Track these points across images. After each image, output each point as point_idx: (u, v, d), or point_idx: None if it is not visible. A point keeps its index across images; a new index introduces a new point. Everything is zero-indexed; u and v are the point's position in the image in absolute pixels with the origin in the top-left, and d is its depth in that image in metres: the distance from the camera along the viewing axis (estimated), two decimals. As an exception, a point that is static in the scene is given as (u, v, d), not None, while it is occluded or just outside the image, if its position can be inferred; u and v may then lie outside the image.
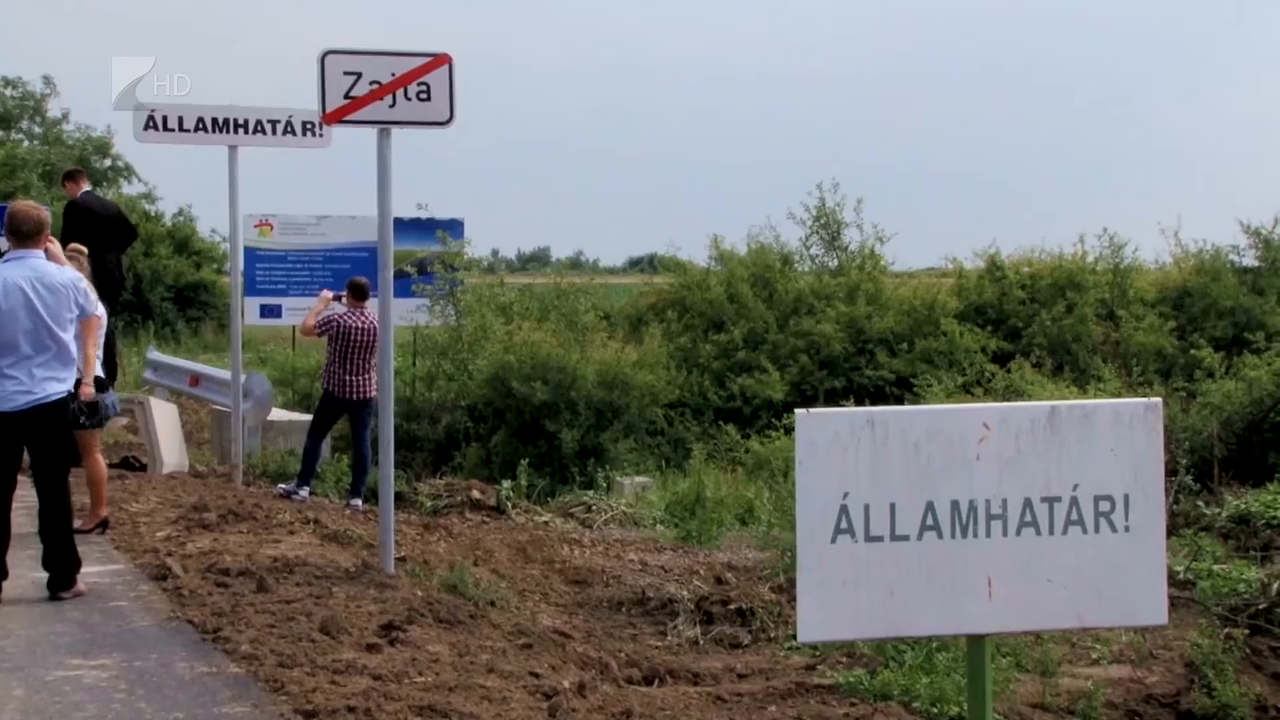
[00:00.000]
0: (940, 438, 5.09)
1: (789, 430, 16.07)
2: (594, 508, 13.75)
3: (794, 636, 8.84)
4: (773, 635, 9.33)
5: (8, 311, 7.61)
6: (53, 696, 5.95)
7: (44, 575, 7.79)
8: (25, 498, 8.02)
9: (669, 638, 9.40)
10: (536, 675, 6.88)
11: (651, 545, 12.30)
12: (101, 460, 9.79)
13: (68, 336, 7.79)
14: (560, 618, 9.60)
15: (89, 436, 9.43)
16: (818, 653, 8.51)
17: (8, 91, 39.32)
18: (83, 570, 7.90)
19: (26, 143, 38.59)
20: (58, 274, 7.84)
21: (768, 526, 12.59)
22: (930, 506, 5.06)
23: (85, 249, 10.21)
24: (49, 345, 7.68)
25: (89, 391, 8.26)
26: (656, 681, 7.99)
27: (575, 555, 11.69)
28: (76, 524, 8.73)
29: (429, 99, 8.87)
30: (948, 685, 7.43)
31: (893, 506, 5.04)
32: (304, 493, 12.40)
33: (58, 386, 7.72)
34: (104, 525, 9.63)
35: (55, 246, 8.26)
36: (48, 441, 7.74)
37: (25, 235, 7.82)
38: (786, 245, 24.31)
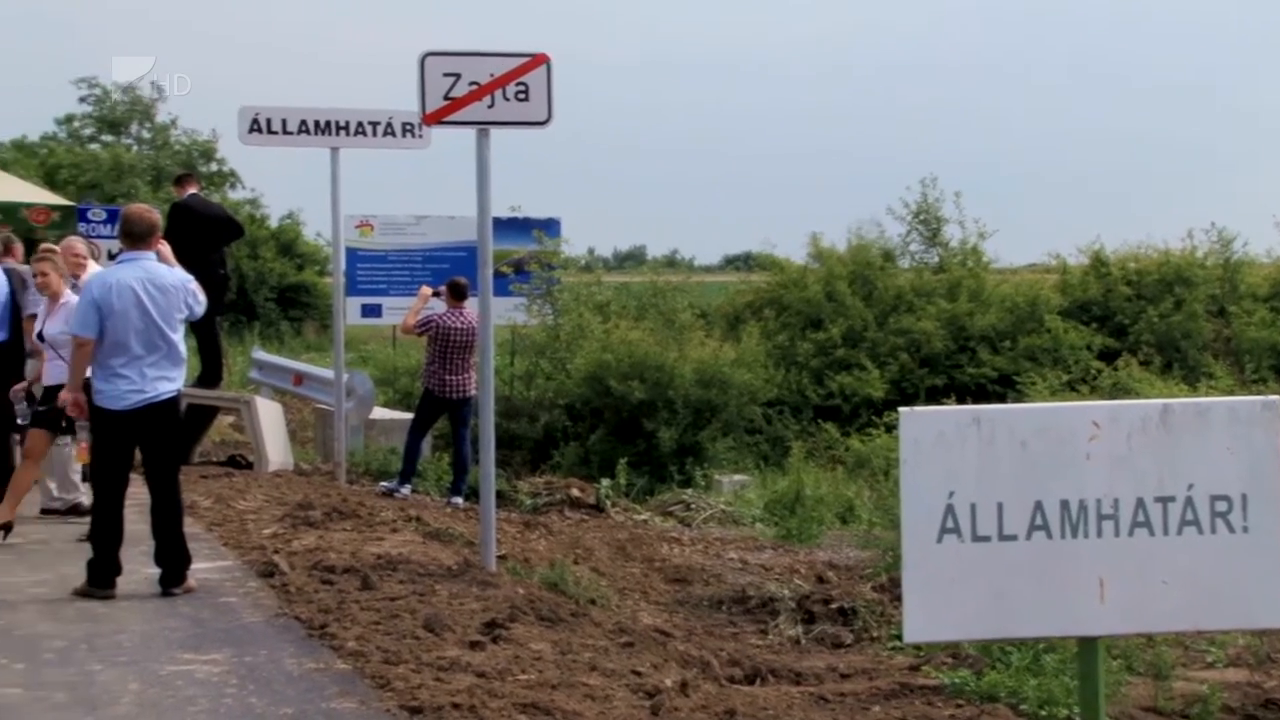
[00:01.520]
0: (1049, 436, 5.00)
1: (889, 428, 15.95)
2: (693, 506, 13.74)
3: (897, 636, 8.76)
4: (875, 635, 9.25)
5: (120, 312, 7.76)
6: (166, 690, 6.06)
7: (156, 571, 7.93)
8: (135, 495, 8.16)
9: (770, 636, 9.36)
10: (638, 673, 6.87)
11: (751, 543, 12.26)
12: (34, 472, 9.61)
13: (177, 337, 7.92)
14: (661, 616, 9.59)
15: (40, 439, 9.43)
16: (922, 653, 8.42)
17: (119, 97, 40.17)
18: (193, 566, 8.03)
19: (135, 147, 39.40)
20: (168, 275, 7.98)
21: (869, 525, 12.50)
22: (1039, 506, 4.97)
23: (55, 248, 10.41)
24: (159, 345, 7.81)
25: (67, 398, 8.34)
26: (758, 680, 7.96)
27: (675, 553, 11.68)
28: None
29: (527, 99, 8.90)
30: (1056, 687, 7.31)
31: (1000, 506, 4.95)
32: (405, 491, 12.52)
33: (168, 386, 7.86)
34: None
35: (165, 248, 8.41)
36: (159, 440, 7.88)
37: (137, 237, 7.98)
38: (887, 241, 24.14)
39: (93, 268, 10.55)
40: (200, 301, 8.13)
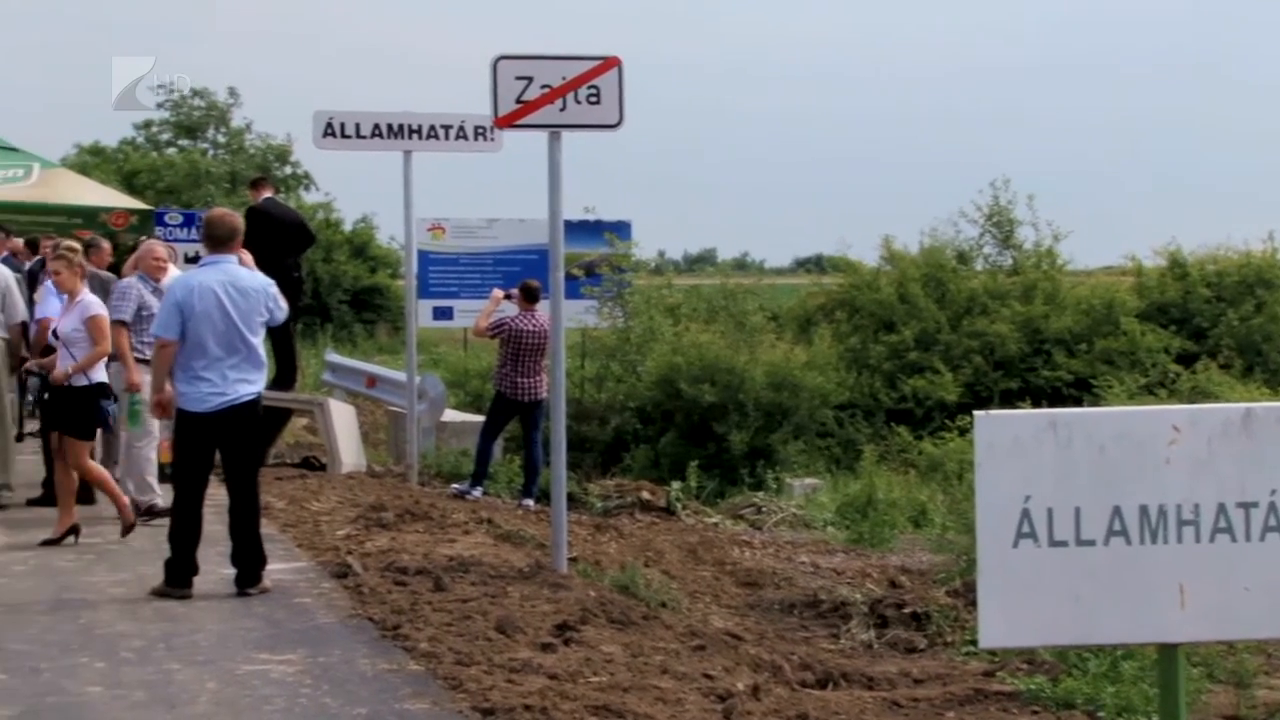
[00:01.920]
0: (1127, 440, 4.92)
1: (963, 432, 15.82)
2: (764, 509, 13.70)
3: (972, 642, 8.68)
4: (949, 640, 9.15)
5: (201, 314, 7.85)
6: (243, 690, 6.12)
7: (232, 572, 8.01)
8: (211, 495, 8.24)
9: (842, 641, 9.29)
10: (710, 677, 6.85)
11: (822, 547, 12.20)
12: (90, 469, 9.57)
13: (257, 340, 7.98)
14: (732, 619, 9.56)
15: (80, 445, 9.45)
16: (996, 659, 8.32)
17: (195, 102, 40.70)
18: (268, 567, 8.11)
19: (211, 152, 39.90)
20: (249, 278, 8.05)
21: (942, 530, 12.40)
22: (1117, 511, 4.89)
23: (76, 246, 10.50)
24: (240, 348, 7.89)
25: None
26: (830, 685, 7.90)
27: (746, 557, 11.65)
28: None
29: (599, 102, 8.91)
30: (1135, 695, 7.20)
31: (1077, 511, 4.88)
32: (477, 493, 12.57)
33: (249, 388, 7.93)
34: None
35: (247, 256, 8.52)
36: (239, 442, 7.97)
37: (219, 240, 8.09)
38: (960, 244, 23.93)
39: (173, 271, 10.70)
40: (282, 308, 8.19)
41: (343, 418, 14.01)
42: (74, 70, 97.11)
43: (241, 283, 7.98)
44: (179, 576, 7.90)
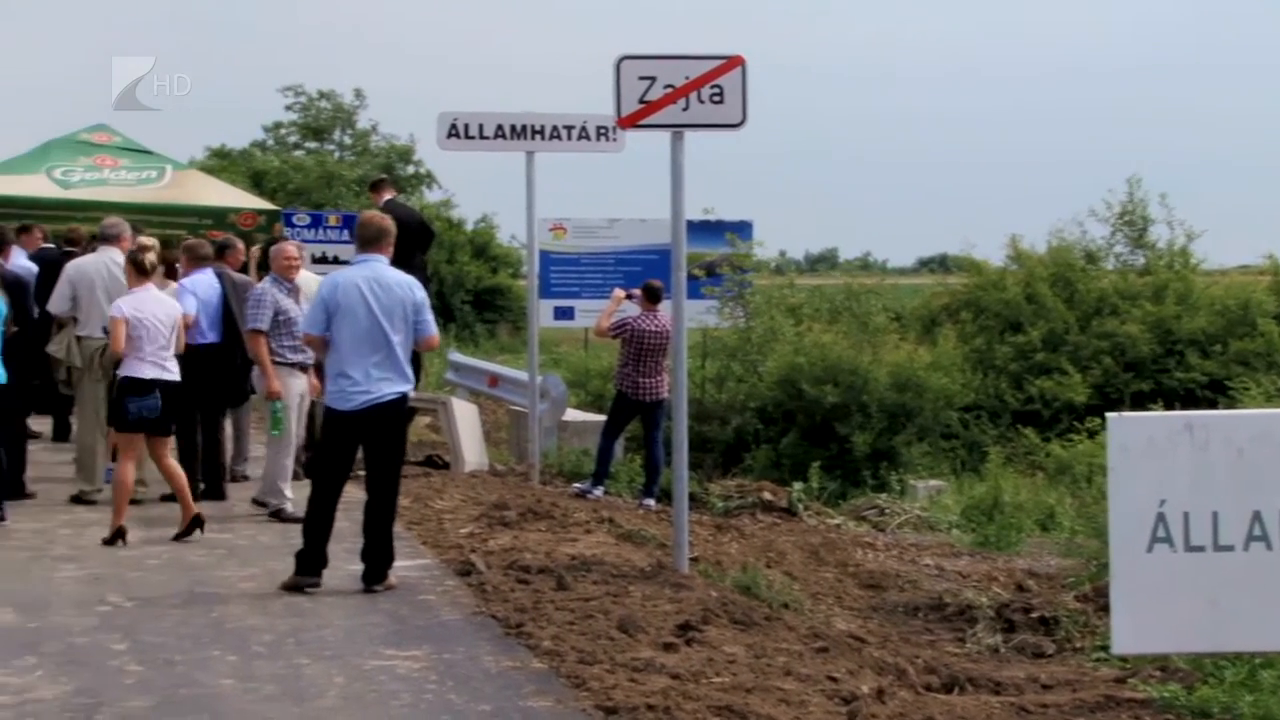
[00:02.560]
0: (1268, 443, 4.80)
1: (1092, 434, 15.54)
2: (887, 511, 13.56)
3: (1102, 647, 8.49)
4: (1079, 645, 8.96)
5: (344, 309, 7.96)
6: (369, 685, 6.19)
7: (358, 568, 8.11)
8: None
9: (968, 645, 9.15)
10: (834, 679, 6.78)
11: (947, 550, 12.04)
12: (168, 467, 9.58)
13: (401, 338, 8.02)
14: (855, 622, 9.47)
15: (165, 444, 9.51)
16: (1128, 665, 8.12)
17: (322, 104, 41.46)
18: (393, 564, 8.20)
19: (338, 153, 40.63)
20: (392, 275, 8.12)
21: (1071, 533, 12.16)
22: (1257, 516, 4.78)
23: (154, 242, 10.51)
24: (383, 345, 7.96)
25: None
26: (956, 689, 7.78)
27: (869, 559, 11.53)
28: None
29: (722, 101, 8.87)
30: (1274, 704, 6.97)
31: (1215, 515, 4.78)
32: (598, 492, 12.60)
33: (392, 388, 7.99)
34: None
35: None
36: (381, 441, 8.05)
37: (367, 241, 8.23)
38: (1089, 243, 23.48)
39: (304, 274, 10.87)
40: (427, 319, 8.18)
41: (466, 417, 14.15)
42: (204, 75, 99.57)
43: (384, 279, 8.07)
44: (308, 567, 8.02)
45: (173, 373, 9.37)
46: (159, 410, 9.27)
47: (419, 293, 8.15)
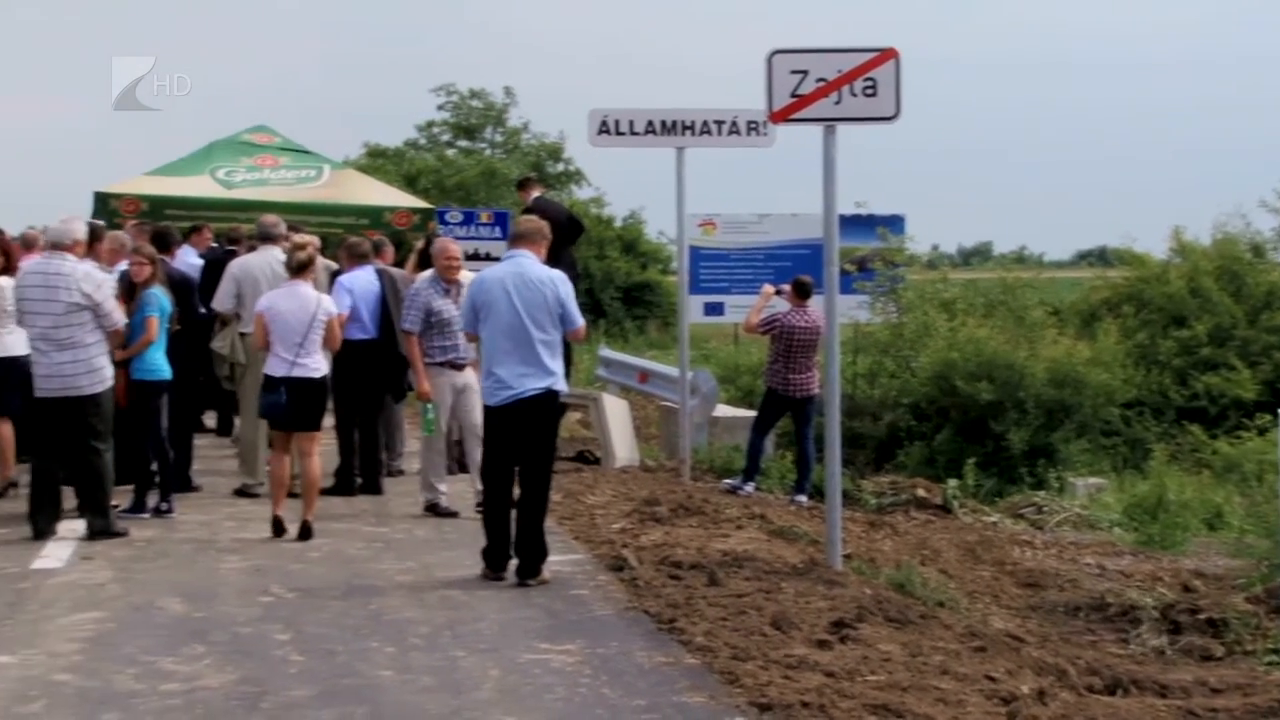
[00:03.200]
0: None
1: (1263, 431, 15.05)
2: (1045, 509, 13.27)
3: (1275, 651, 8.24)
4: (1249, 649, 8.67)
5: (489, 306, 8.08)
6: (524, 678, 6.24)
7: (513, 562, 8.19)
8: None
9: (1131, 646, 8.91)
10: (992, 679, 6.65)
11: (1109, 549, 11.74)
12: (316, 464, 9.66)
13: (545, 335, 8.09)
14: (1013, 621, 9.28)
15: (309, 441, 9.58)
16: (1303, 670, 7.84)
17: (473, 103, 41.99)
18: (547, 559, 8.25)
19: (489, 151, 41.10)
20: (537, 270, 8.19)
21: (1240, 533, 11.77)
22: None
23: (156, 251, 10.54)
24: (526, 341, 8.04)
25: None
26: (1120, 692, 7.57)
27: (1027, 557, 11.30)
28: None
29: (875, 94, 8.81)
30: None
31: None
32: (749, 488, 12.55)
33: (536, 383, 8.06)
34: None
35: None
36: (531, 435, 8.13)
37: (517, 237, 8.42)
38: (1257, 235, 22.71)
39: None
40: (572, 311, 8.23)
41: (616, 413, 14.19)
42: (356, 75, 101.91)
43: (528, 274, 8.14)
44: (492, 561, 8.18)
45: (308, 369, 9.46)
46: (283, 407, 9.42)
47: (563, 287, 8.19)
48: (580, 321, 8.38)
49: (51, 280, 9.11)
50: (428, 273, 10.63)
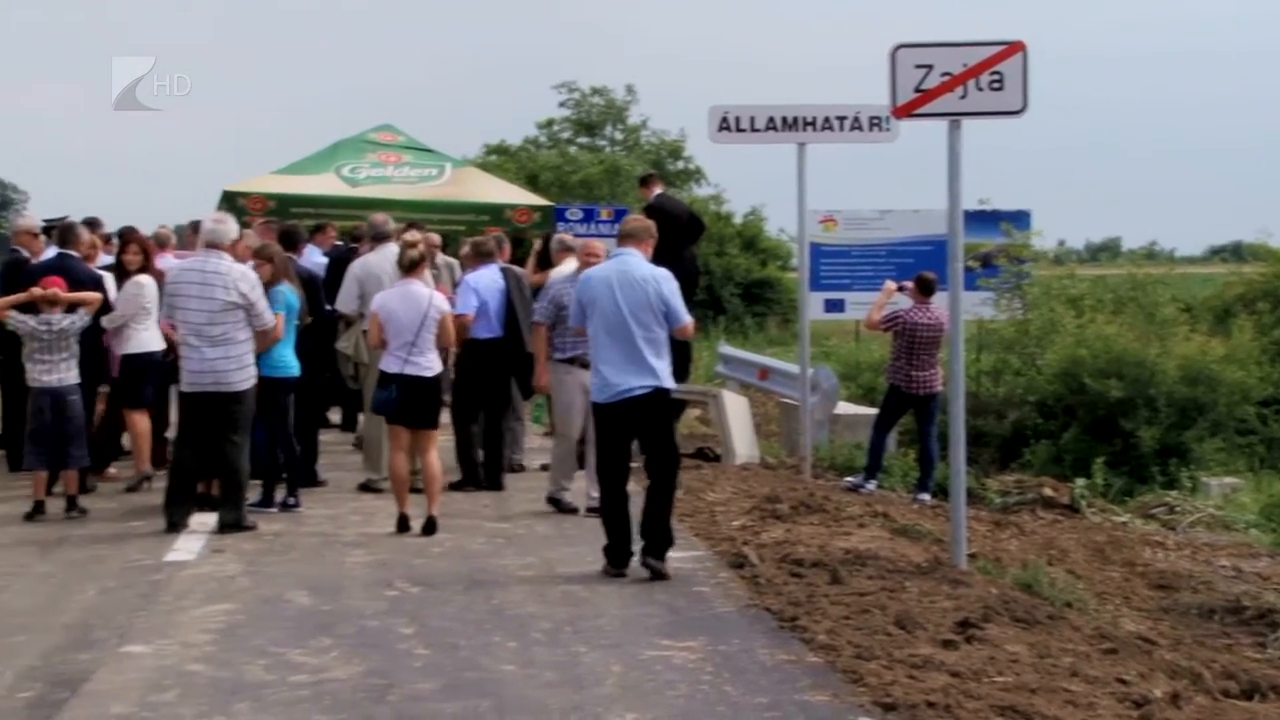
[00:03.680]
0: None
1: None
2: (1177, 509, 12.98)
3: None
4: (1398, 656, 8.38)
5: (595, 305, 8.14)
6: (646, 674, 6.23)
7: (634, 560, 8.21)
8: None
9: (1270, 650, 8.64)
10: (1123, 682, 6.50)
11: (1245, 550, 11.43)
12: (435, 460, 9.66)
13: (649, 332, 8.10)
14: (1144, 623, 9.07)
15: (426, 438, 9.59)
16: None
17: (594, 100, 42.21)
18: (671, 546, 8.25)
19: (609, 148, 41.28)
20: (641, 271, 8.21)
21: (1386, 536, 11.38)
22: None
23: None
24: (630, 339, 8.06)
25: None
26: (1257, 697, 7.32)
27: (1158, 558, 11.05)
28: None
29: (1001, 88, 8.68)
30: None
31: None
32: (871, 486, 12.44)
33: (639, 381, 8.07)
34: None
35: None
36: (645, 433, 8.19)
37: (623, 236, 8.49)
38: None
39: (570, 265, 11.05)
40: (675, 306, 8.20)
41: (736, 410, 14.16)
42: (477, 75, 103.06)
43: (631, 272, 8.17)
44: (613, 558, 8.22)
45: (420, 368, 9.51)
46: (394, 403, 9.51)
47: (665, 284, 8.19)
48: (686, 318, 8.38)
49: (209, 278, 9.33)
50: (570, 268, 10.67)
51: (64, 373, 9.97)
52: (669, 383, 8.23)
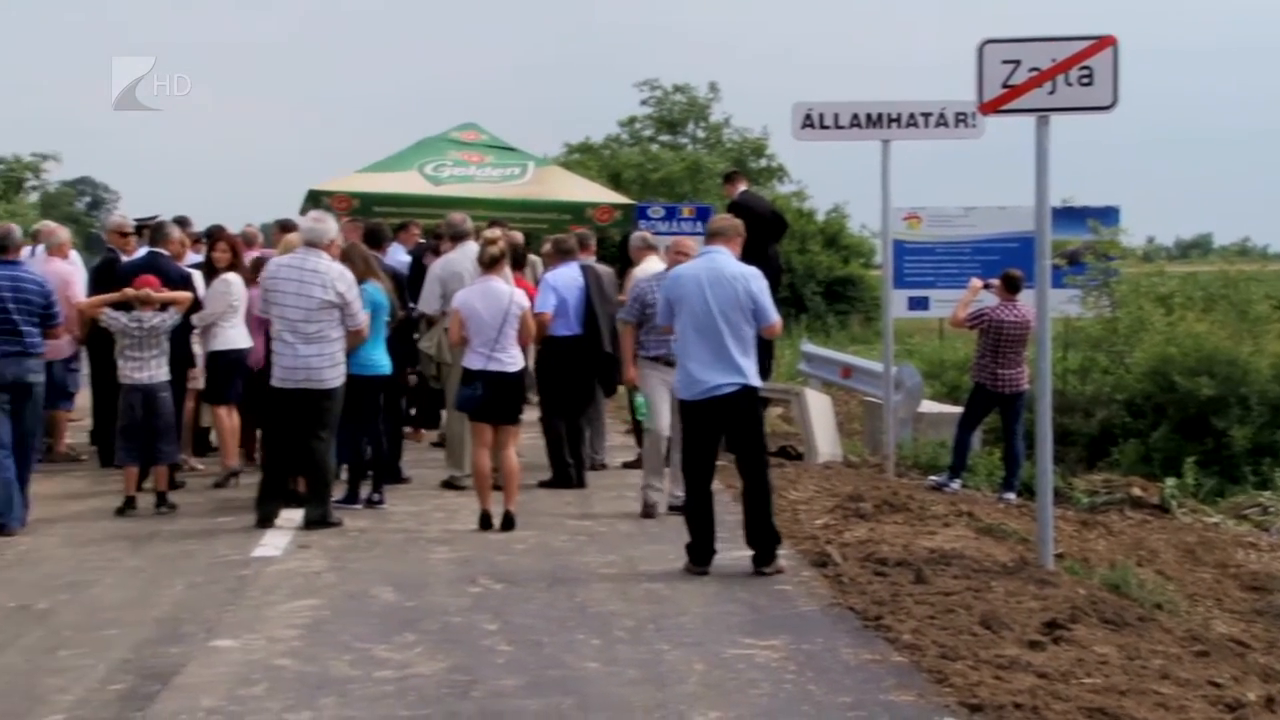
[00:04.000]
0: None
1: None
2: (1271, 509, 12.74)
3: None
4: None
5: (683, 302, 8.15)
6: (728, 672, 6.21)
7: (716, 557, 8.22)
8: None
9: (1367, 656, 8.45)
10: (1216, 685, 6.38)
11: (1343, 553, 11.18)
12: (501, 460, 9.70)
13: (738, 331, 8.09)
14: (1237, 625, 8.92)
15: (508, 434, 9.60)
16: None
17: (676, 98, 42.18)
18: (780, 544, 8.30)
19: (691, 146, 41.24)
20: (730, 269, 8.20)
21: None
22: None
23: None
24: (717, 337, 8.06)
25: None
26: (1353, 703, 7.19)
27: (1251, 559, 10.86)
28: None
29: (1091, 83, 8.56)
30: None
31: None
32: (955, 485, 12.33)
33: (726, 378, 8.06)
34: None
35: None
36: (733, 431, 8.19)
37: (712, 234, 8.52)
38: None
39: (654, 262, 11.04)
40: (764, 304, 8.18)
41: (819, 408, 14.10)
42: (558, 76, 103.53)
43: (720, 270, 8.16)
44: (695, 556, 8.22)
45: (504, 364, 9.53)
46: (477, 400, 9.54)
47: (755, 282, 8.18)
48: (775, 318, 8.35)
49: (306, 276, 9.45)
50: (654, 266, 10.69)
51: (154, 370, 10.14)
52: (756, 381, 8.21)
